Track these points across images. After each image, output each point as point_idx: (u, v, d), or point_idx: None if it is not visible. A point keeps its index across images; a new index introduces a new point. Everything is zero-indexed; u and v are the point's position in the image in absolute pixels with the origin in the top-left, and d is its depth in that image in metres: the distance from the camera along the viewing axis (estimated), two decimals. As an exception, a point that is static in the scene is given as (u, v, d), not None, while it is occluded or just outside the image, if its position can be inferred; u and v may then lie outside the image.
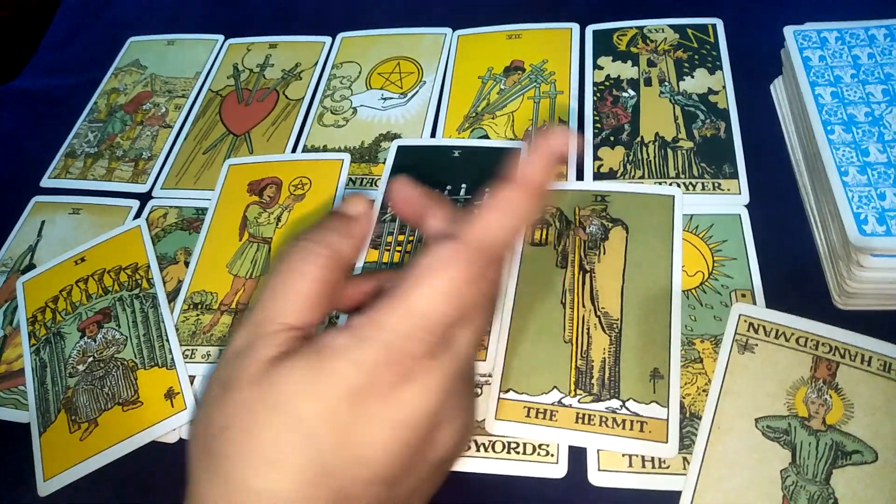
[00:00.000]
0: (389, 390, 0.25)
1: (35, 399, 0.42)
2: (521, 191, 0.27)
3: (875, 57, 0.41)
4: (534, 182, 0.27)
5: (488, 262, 0.27)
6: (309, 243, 0.29)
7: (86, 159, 0.55)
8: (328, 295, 0.28)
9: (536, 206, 0.28)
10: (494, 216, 0.27)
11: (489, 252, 0.26)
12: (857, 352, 0.35)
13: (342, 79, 0.55)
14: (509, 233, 0.27)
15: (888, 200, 0.36)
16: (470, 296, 0.26)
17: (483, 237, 0.26)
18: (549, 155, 0.28)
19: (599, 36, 0.53)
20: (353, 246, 0.30)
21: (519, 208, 0.27)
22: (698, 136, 0.46)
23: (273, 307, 0.28)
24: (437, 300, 0.25)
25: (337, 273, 0.29)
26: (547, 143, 0.28)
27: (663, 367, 0.36)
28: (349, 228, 0.30)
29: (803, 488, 0.32)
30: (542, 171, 0.28)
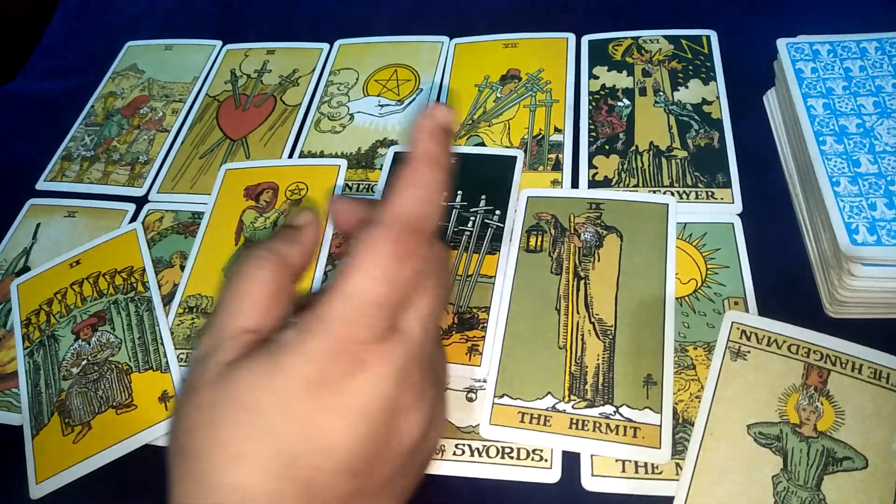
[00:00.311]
0: (341, 378, 0.26)
1: (28, 401, 0.42)
2: (419, 163, 0.28)
3: (866, 70, 0.42)
4: (428, 152, 0.28)
5: (412, 237, 0.27)
6: (258, 251, 0.30)
7: (82, 163, 0.55)
8: (280, 298, 0.30)
9: (440, 175, 0.29)
10: (404, 192, 0.28)
11: (410, 226, 0.27)
12: (847, 359, 0.35)
13: (339, 85, 0.56)
14: (424, 204, 0.28)
15: (879, 211, 0.36)
16: (402, 273, 0.27)
17: (399, 213, 0.27)
18: (432, 128, 0.29)
19: (595, 46, 0.53)
20: (300, 252, 0.31)
21: (424, 179, 0.28)
22: (692, 146, 0.46)
23: (229, 313, 0.29)
24: (369, 282, 0.26)
25: (286, 277, 0.30)
26: (428, 119, 0.29)
27: (657, 374, 0.37)
28: (295, 236, 0.31)
29: (794, 494, 0.32)
30: (432, 142, 0.29)
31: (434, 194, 0.28)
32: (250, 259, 0.30)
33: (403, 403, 0.28)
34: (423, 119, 0.29)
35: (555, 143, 0.48)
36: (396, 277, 0.26)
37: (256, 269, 0.30)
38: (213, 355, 0.28)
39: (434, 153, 0.29)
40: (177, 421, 0.28)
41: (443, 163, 0.29)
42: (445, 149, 0.29)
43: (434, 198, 0.28)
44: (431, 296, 0.29)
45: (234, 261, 0.30)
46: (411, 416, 0.28)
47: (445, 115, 0.29)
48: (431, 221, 0.28)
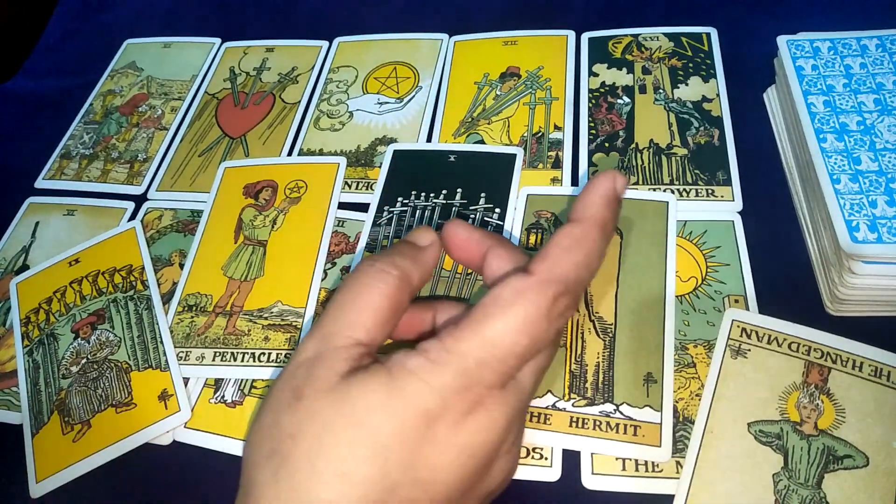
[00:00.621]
0: (461, 417, 0.26)
1: (28, 400, 0.42)
2: (583, 226, 0.28)
3: (867, 67, 0.42)
4: (595, 217, 0.28)
5: (566, 301, 0.27)
6: (381, 264, 0.30)
7: (81, 161, 0.55)
8: (395, 315, 0.29)
9: (604, 241, 0.29)
10: (563, 251, 0.28)
11: (562, 286, 0.27)
12: (848, 357, 0.35)
13: (339, 83, 0.56)
14: (580, 268, 0.28)
15: (879, 208, 0.36)
16: (543, 330, 0.27)
17: (561, 274, 0.27)
18: (604, 191, 0.29)
19: (595, 43, 0.53)
20: (421, 273, 0.31)
21: (586, 243, 0.28)
22: (692, 144, 0.46)
23: (343, 320, 0.28)
24: (512, 331, 0.26)
25: (405, 296, 0.30)
26: (601, 182, 0.29)
27: (657, 372, 0.37)
28: (418, 256, 0.31)
29: (795, 492, 0.32)
30: (601, 206, 0.29)
31: (595, 263, 0.28)
32: (374, 271, 0.29)
33: (504, 448, 0.28)
34: (602, 183, 0.29)
35: (554, 141, 0.48)
36: (537, 333, 0.26)
37: (380, 282, 0.29)
38: (323, 361, 0.27)
39: (608, 221, 0.29)
40: (274, 422, 0.27)
41: (610, 232, 0.29)
42: (616, 218, 0.30)
43: (594, 266, 0.28)
44: (551, 351, 0.30)
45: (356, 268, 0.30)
46: (505, 460, 0.29)
47: (624, 186, 0.30)
48: (585, 288, 0.29)
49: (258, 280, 0.44)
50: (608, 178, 0.29)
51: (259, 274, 0.44)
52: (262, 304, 0.43)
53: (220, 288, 0.44)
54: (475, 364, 0.26)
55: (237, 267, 0.45)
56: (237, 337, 0.42)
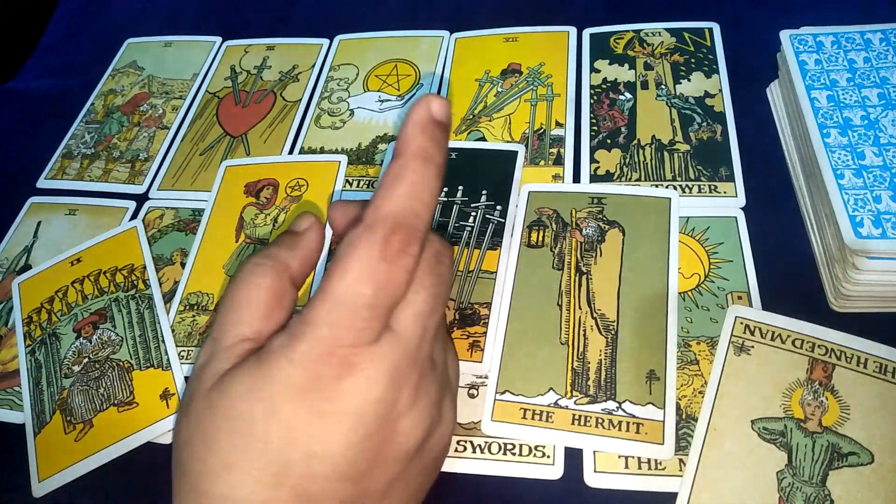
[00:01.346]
0: (332, 383, 0.25)
1: (30, 400, 0.42)
2: (401, 158, 0.27)
3: (871, 61, 0.42)
4: (411, 147, 0.27)
5: (400, 236, 0.26)
6: (256, 258, 0.30)
7: (82, 160, 0.55)
8: (280, 305, 0.29)
9: (431, 171, 0.27)
10: (390, 190, 0.26)
11: (397, 225, 0.26)
12: (853, 354, 0.35)
13: (339, 81, 0.55)
14: (413, 202, 0.26)
15: (884, 203, 0.36)
16: (390, 273, 0.26)
17: (386, 212, 0.26)
18: (425, 121, 0.27)
19: (596, 39, 0.53)
20: (301, 257, 0.31)
21: (406, 174, 0.26)
22: (695, 139, 0.46)
23: (227, 321, 0.29)
24: (354, 283, 0.25)
25: (286, 283, 0.30)
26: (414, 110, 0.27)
27: (659, 369, 0.36)
28: (295, 241, 0.31)
29: (799, 490, 0.32)
30: (417, 135, 0.27)
31: (424, 191, 0.27)
32: (249, 266, 0.30)
33: (400, 405, 0.27)
34: (415, 110, 0.27)
35: (556, 138, 0.48)
36: (384, 278, 0.25)
37: (255, 276, 0.29)
38: (209, 365, 0.28)
39: (425, 148, 0.27)
40: (175, 433, 0.28)
41: (435, 159, 0.27)
42: (439, 144, 0.27)
43: (424, 195, 0.27)
44: (429, 293, 0.28)
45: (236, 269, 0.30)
46: (410, 417, 0.27)
47: (441, 107, 0.28)
48: (422, 219, 0.26)
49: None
50: (422, 104, 0.27)
51: (260, 272, 0.44)
52: (264, 303, 0.43)
53: (222, 287, 0.44)
54: (329, 326, 0.25)
55: (238, 266, 0.45)
56: (238, 336, 0.42)
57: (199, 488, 0.26)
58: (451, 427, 0.31)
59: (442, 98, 0.28)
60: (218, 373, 0.28)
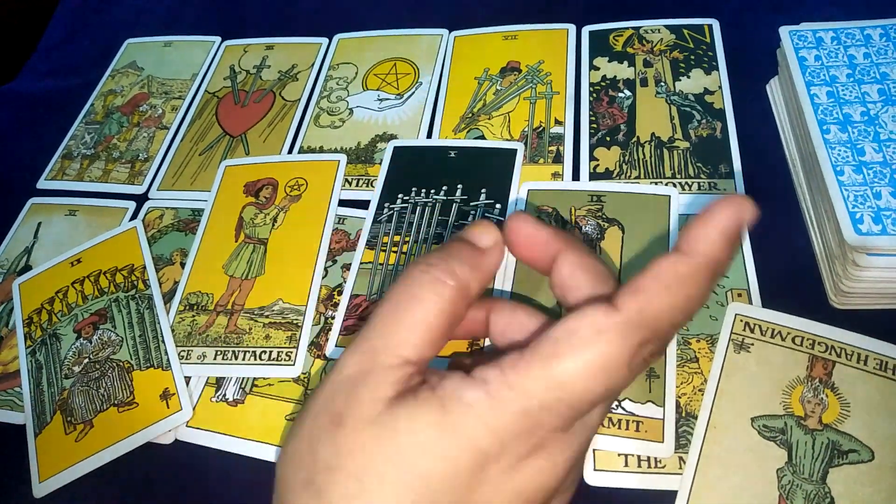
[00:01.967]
0: (517, 461, 0.23)
1: (31, 400, 0.42)
2: (693, 264, 0.23)
3: (871, 56, 0.41)
4: (709, 255, 0.23)
5: (653, 347, 0.23)
6: (435, 271, 0.26)
7: (82, 161, 0.55)
8: (450, 330, 0.26)
9: (712, 284, 0.24)
10: (661, 290, 0.23)
11: (651, 332, 0.23)
12: (853, 351, 0.35)
13: (338, 80, 0.55)
14: (677, 313, 0.23)
15: (884, 200, 0.36)
16: (621, 377, 0.23)
17: (647, 313, 0.23)
18: (727, 224, 0.24)
19: (596, 37, 0.53)
20: (481, 281, 0.27)
21: (691, 285, 0.23)
22: (694, 137, 0.46)
23: (392, 336, 0.25)
24: (587, 377, 0.22)
25: (462, 308, 0.26)
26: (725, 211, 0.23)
27: (659, 367, 0.36)
28: (478, 261, 0.27)
29: (800, 487, 0.32)
30: (719, 243, 0.23)
31: (696, 307, 0.24)
32: (429, 280, 0.25)
33: (562, 488, 0.26)
34: (727, 211, 0.23)
35: (555, 136, 0.48)
36: (615, 380, 0.23)
37: (435, 294, 0.25)
38: (367, 385, 0.24)
39: (723, 262, 0.24)
40: (311, 450, 0.24)
41: (721, 274, 0.24)
42: (730, 254, 0.24)
43: (694, 311, 0.24)
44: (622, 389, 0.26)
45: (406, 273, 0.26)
46: (561, 497, 0.27)
47: (752, 215, 0.24)
48: (676, 331, 0.24)
49: (259, 278, 0.44)
50: (734, 206, 0.24)
51: (260, 272, 0.44)
52: (263, 303, 0.43)
53: (221, 286, 0.44)
54: (540, 407, 0.22)
55: (238, 265, 0.45)
56: (238, 335, 0.42)
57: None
58: None
59: (753, 204, 0.24)
60: (381, 398, 0.24)
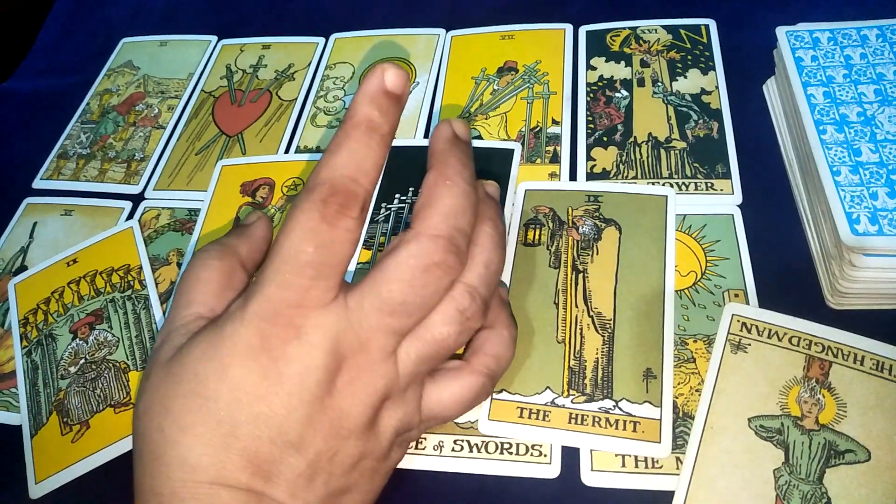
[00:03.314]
0: (279, 344, 0.26)
1: (26, 401, 0.42)
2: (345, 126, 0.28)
3: (867, 57, 0.42)
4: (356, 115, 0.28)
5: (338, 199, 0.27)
6: (207, 245, 0.33)
7: (78, 160, 0.55)
8: (230, 284, 0.31)
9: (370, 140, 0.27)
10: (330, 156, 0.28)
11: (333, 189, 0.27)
12: (849, 351, 0.35)
13: (335, 79, 0.55)
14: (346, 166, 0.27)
15: (880, 200, 0.36)
16: (330, 234, 0.26)
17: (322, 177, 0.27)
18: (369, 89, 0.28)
19: (592, 37, 0.53)
20: (248, 243, 0.33)
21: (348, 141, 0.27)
22: (691, 137, 0.46)
23: (181, 303, 0.31)
24: (296, 241, 0.26)
25: (236, 266, 0.32)
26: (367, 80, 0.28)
27: (656, 367, 0.36)
28: (242, 230, 0.34)
29: (796, 488, 0.32)
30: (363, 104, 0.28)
31: (365, 159, 0.27)
32: (199, 253, 0.33)
33: (340, 380, 0.27)
34: (368, 79, 0.28)
35: (552, 136, 0.48)
36: (326, 238, 0.26)
37: (205, 259, 0.32)
38: (165, 343, 0.29)
39: (371, 118, 0.27)
40: (135, 410, 0.29)
41: (380, 129, 0.27)
42: (387, 115, 0.28)
43: (365, 163, 0.27)
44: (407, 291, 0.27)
45: None
46: (349, 395, 0.27)
47: (395, 77, 0.28)
48: (360, 185, 0.27)
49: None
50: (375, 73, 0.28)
51: (256, 272, 0.44)
52: (260, 303, 0.43)
53: (218, 287, 0.44)
54: (275, 285, 0.26)
55: (235, 265, 0.45)
56: (235, 336, 0.42)
57: (156, 453, 0.26)
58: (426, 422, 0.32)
59: (398, 68, 0.28)
60: (175, 346, 0.29)
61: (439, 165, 0.30)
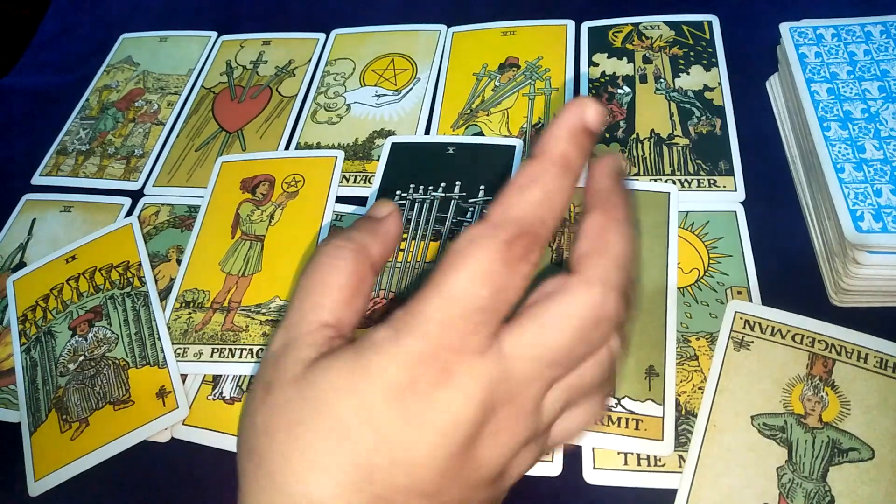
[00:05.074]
0: (430, 389, 0.24)
1: (26, 398, 0.41)
2: (541, 161, 0.25)
3: (871, 53, 0.41)
4: (554, 151, 0.26)
5: (524, 242, 0.24)
6: (336, 241, 0.29)
7: (77, 157, 0.55)
8: (361, 291, 0.28)
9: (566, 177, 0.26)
10: (518, 190, 0.25)
11: (516, 227, 0.24)
12: (853, 349, 0.35)
13: (336, 76, 0.55)
14: (538, 206, 0.25)
15: (884, 197, 0.36)
16: (509, 278, 0.24)
17: (510, 213, 0.25)
18: (569, 124, 0.26)
19: (595, 32, 0.53)
20: (381, 243, 0.29)
21: (544, 179, 0.25)
22: (694, 133, 0.45)
23: (306, 305, 0.27)
24: (471, 281, 0.24)
25: (367, 269, 0.28)
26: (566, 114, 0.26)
27: (659, 365, 0.36)
28: (375, 227, 0.30)
29: (800, 486, 0.32)
30: (562, 139, 0.26)
31: (557, 200, 0.25)
32: (329, 248, 0.28)
33: (486, 429, 0.25)
34: (568, 112, 0.26)
35: (554, 132, 0.47)
36: (502, 283, 0.24)
37: (336, 259, 0.28)
38: (290, 352, 0.26)
39: (568, 156, 0.25)
40: (250, 420, 0.26)
41: (576, 169, 0.26)
42: (584, 154, 0.26)
43: (556, 204, 0.25)
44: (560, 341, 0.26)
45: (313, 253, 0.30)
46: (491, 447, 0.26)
47: (596, 115, 0.26)
48: (548, 229, 0.25)
49: (256, 275, 0.44)
50: (576, 106, 0.26)
51: (257, 269, 0.44)
52: (260, 300, 0.43)
53: (218, 283, 0.44)
54: (438, 324, 0.23)
55: (234, 262, 0.45)
56: (235, 333, 0.42)
57: (278, 482, 0.24)
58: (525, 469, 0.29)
59: (598, 104, 0.26)
60: (303, 361, 0.26)
61: (607, 206, 0.27)
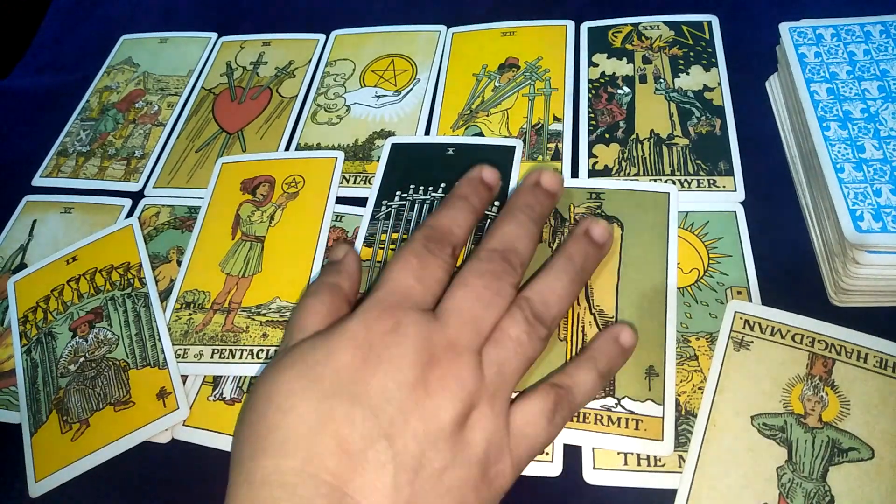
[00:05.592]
0: (380, 334, 0.30)
1: (26, 399, 0.42)
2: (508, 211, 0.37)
3: (871, 53, 0.41)
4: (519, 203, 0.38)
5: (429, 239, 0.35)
6: (313, 288, 0.37)
7: (77, 158, 0.55)
8: (339, 313, 0.35)
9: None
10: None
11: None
12: (853, 349, 0.35)
13: (336, 76, 0.55)
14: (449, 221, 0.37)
15: (884, 197, 0.36)
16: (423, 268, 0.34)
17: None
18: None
19: (594, 33, 0.53)
20: (348, 279, 0.37)
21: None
22: (693, 133, 0.45)
23: (296, 328, 0.34)
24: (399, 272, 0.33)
25: (341, 300, 0.36)
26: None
27: (658, 365, 0.36)
28: (338, 268, 0.38)
29: (800, 486, 0.32)
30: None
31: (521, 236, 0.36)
32: (309, 297, 0.36)
33: (437, 373, 0.30)
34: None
35: (554, 133, 0.47)
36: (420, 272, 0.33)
37: (316, 298, 0.35)
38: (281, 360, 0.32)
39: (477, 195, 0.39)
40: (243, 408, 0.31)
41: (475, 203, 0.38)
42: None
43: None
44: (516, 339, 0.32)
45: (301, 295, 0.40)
46: (444, 388, 0.30)
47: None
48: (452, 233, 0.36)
49: (256, 276, 0.44)
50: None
51: (257, 270, 0.44)
52: (261, 301, 0.43)
53: (218, 284, 0.44)
54: (384, 291, 0.32)
55: (235, 263, 0.45)
56: (235, 334, 0.42)
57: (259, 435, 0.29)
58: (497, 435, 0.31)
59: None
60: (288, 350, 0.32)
61: (509, 202, 0.37)
